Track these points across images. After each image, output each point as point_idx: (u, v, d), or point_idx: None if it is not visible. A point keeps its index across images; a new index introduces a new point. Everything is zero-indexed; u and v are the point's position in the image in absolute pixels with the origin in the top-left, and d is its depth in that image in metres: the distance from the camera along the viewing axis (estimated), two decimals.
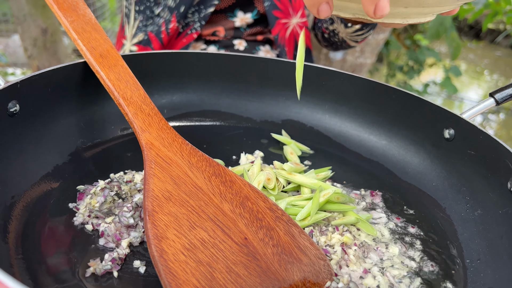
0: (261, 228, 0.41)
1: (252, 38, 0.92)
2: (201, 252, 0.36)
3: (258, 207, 0.43)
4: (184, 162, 0.45)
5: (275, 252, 0.39)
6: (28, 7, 1.69)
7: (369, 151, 0.62)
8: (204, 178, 0.44)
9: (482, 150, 0.50)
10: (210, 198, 0.42)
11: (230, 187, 0.44)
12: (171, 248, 0.36)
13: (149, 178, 0.41)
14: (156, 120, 0.49)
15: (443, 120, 0.55)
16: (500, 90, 0.53)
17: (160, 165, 0.43)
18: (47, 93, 0.51)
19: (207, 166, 0.45)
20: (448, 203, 0.52)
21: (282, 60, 0.66)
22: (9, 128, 0.46)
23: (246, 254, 0.38)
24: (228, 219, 0.40)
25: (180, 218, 0.39)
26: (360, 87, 0.63)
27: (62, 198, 0.46)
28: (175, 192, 0.41)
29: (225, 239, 0.38)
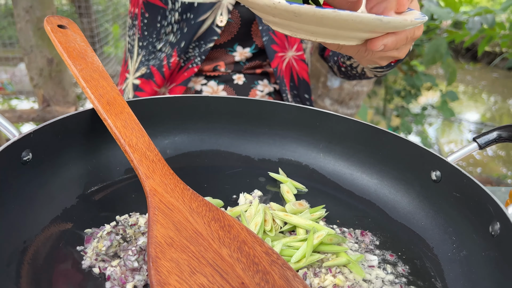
0: (258, 272, 0.43)
1: (251, 71, 0.96)
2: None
3: (254, 252, 0.45)
4: (185, 207, 0.48)
5: None
6: (35, 38, 1.75)
7: (362, 189, 0.65)
8: (204, 223, 0.47)
9: (466, 193, 0.53)
10: (210, 243, 0.45)
11: (228, 232, 0.47)
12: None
13: (152, 224, 0.44)
14: (160, 166, 0.52)
15: (430, 162, 0.58)
16: (482, 135, 0.56)
17: (163, 211, 0.46)
18: (57, 140, 0.54)
19: (207, 211, 0.48)
20: (435, 243, 0.55)
21: (278, 102, 0.69)
22: (21, 176, 0.49)
23: None
24: (226, 264, 0.43)
25: (181, 264, 0.41)
26: (352, 129, 0.66)
27: (71, 241, 0.49)
28: (177, 238, 0.44)
29: (224, 284, 0.41)
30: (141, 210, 0.55)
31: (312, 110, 0.68)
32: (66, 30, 0.64)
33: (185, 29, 0.89)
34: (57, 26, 0.63)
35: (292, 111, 0.69)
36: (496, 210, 0.47)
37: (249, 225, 0.53)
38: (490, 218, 0.48)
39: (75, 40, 0.64)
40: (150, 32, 0.92)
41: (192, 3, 0.87)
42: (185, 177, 0.65)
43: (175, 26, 0.90)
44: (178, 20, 0.89)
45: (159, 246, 0.42)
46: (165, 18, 0.89)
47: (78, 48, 0.62)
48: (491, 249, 0.47)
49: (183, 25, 0.89)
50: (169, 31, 0.91)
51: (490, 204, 0.48)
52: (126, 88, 0.97)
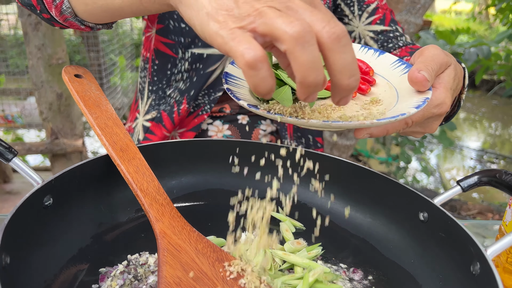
0: None
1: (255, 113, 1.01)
2: None
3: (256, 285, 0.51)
4: (192, 248, 0.52)
5: None
6: (45, 74, 1.82)
7: (356, 228, 0.69)
8: (208, 264, 0.51)
9: (450, 233, 0.57)
10: (214, 283, 0.49)
11: (233, 273, 0.51)
12: None
13: (162, 265, 0.49)
14: (168, 209, 0.57)
15: (418, 204, 0.62)
16: (465, 178, 0.61)
17: (172, 253, 0.51)
18: (75, 185, 0.59)
19: (211, 252, 0.53)
20: (424, 280, 0.59)
21: (275, 145, 0.75)
22: (43, 219, 0.54)
23: None
24: None
25: None
26: (346, 170, 0.71)
27: (87, 280, 0.54)
28: (184, 278, 0.48)
29: None
30: (150, 248, 0.60)
31: (308, 152, 0.73)
32: (82, 80, 0.70)
33: (194, 78, 0.93)
34: (74, 75, 0.69)
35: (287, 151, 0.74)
36: (476, 251, 0.51)
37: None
38: (471, 258, 0.52)
39: (91, 88, 0.69)
40: (160, 78, 0.98)
41: (202, 54, 0.92)
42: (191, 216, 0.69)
43: (185, 75, 0.95)
44: (187, 69, 0.94)
45: (168, 286, 0.47)
46: (175, 66, 0.95)
47: (93, 97, 0.68)
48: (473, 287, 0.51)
49: (193, 74, 0.94)
50: (179, 79, 0.96)
51: (470, 245, 0.52)
52: (136, 127, 1.02)
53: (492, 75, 5.51)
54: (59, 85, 1.86)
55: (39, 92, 1.86)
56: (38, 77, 1.82)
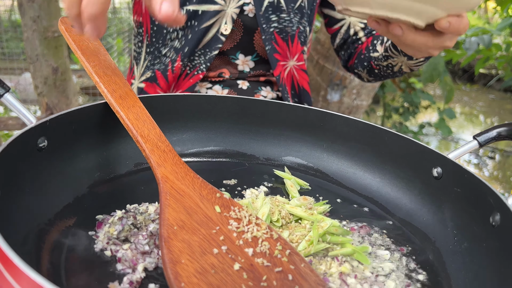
0: (265, 255, 0.45)
1: (254, 79, 0.98)
2: (212, 276, 0.40)
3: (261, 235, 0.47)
4: (196, 194, 0.49)
5: (278, 278, 0.43)
6: (41, 48, 1.78)
7: (365, 188, 0.66)
8: (213, 209, 0.48)
9: (467, 187, 0.54)
10: (220, 227, 0.46)
11: (237, 219, 0.48)
12: (184, 272, 0.40)
13: (164, 208, 0.46)
14: (171, 156, 0.53)
15: (431, 159, 0.60)
16: (482, 133, 0.58)
17: (174, 197, 0.48)
18: (71, 130, 0.56)
19: (217, 198, 0.50)
20: (437, 236, 0.56)
21: (282, 103, 0.71)
22: (37, 162, 0.51)
23: (252, 279, 0.42)
24: (235, 246, 0.45)
25: (193, 245, 0.43)
26: (355, 129, 0.68)
27: (83, 226, 0.50)
28: (188, 221, 0.45)
29: (233, 265, 0.42)
30: (151, 200, 0.57)
31: (317, 111, 0.70)
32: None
33: (189, 36, 0.91)
34: (71, 26, 0.66)
35: (296, 112, 0.71)
36: (496, 201, 0.49)
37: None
38: (490, 210, 0.49)
39: (88, 39, 0.66)
40: (157, 38, 0.95)
41: (197, 10, 0.89)
42: None
43: (180, 33, 0.93)
44: (183, 27, 0.92)
45: (171, 228, 0.44)
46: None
47: (91, 47, 0.64)
48: (491, 239, 0.49)
49: (188, 31, 0.91)
50: (174, 37, 0.94)
51: (490, 196, 0.50)
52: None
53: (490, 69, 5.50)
54: (55, 59, 1.81)
55: (34, 66, 1.81)
56: (33, 50, 1.78)
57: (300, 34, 0.97)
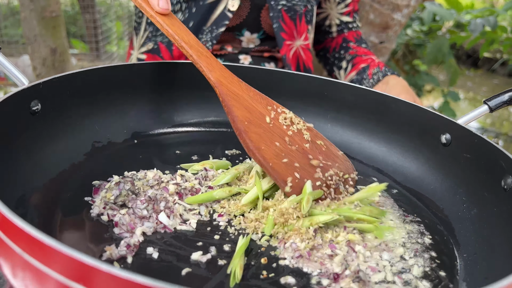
0: (307, 142, 0.55)
1: (258, 54, 0.96)
2: (283, 158, 0.51)
3: (299, 127, 0.56)
4: (246, 95, 0.55)
5: (322, 158, 0.54)
6: (39, 28, 1.75)
7: (370, 157, 0.64)
8: (262, 108, 0.55)
9: (477, 152, 0.52)
10: (272, 122, 0.54)
11: (280, 114, 0.56)
12: (267, 155, 0.50)
13: (231, 107, 0.53)
14: (214, 61, 0.57)
15: (440, 126, 0.57)
16: (493, 97, 0.56)
17: (233, 98, 0.54)
18: (66, 95, 0.54)
19: (262, 99, 0.56)
20: (445, 204, 0.54)
21: (285, 71, 0.69)
22: (31, 126, 0.49)
23: (308, 158, 0.53)
24: (288, 136, 0.54)
25: (262, 136, 0.52)
26: (361, 97, 0.66)
27: (79, 192, 0.49)
28: (251, 117, 0.53)
29: (292, 150, 0.52)
30: (149, 167, 0.55)
31: (321, 79, 0.68)
32: None
33: (193, 9, 0.89)
34: None
35: (299, 81, 0.69)
36: (509, 165, 0.47)
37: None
38: (502, 173, 0.47)
39: None
40: None
41: None
42: (192, 144, 0.64)
43: (183, 5, 0.90)
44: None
45: (243, 123, 0.51)
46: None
47: None
48: (503, 204, 0.47)
49: (191, 4, 0.89)
50: (178, 9, 0.91)
51: (502, 159, 0.48)
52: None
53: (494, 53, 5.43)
54: (53, 40, 1.78)
55: (32, 47, 1.79)
56: (31, 30, 1.75)
57: (307, 12, 0.95)
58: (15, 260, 0.30)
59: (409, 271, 0.43)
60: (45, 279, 0.28)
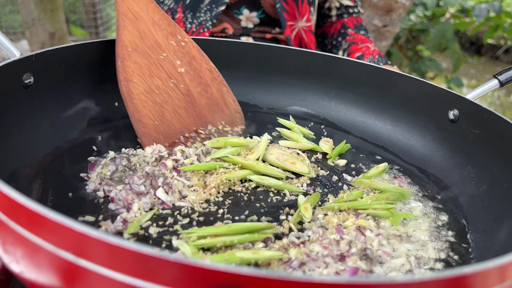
0: (200, 84, 0.54)
1: (260, 35, 0.94)
2: (157, 96, 0.50)
3: (201, 67, 0.55)
4: (149, 18, 0.52)
5: (207, 103, 0.54)
6: (37, 11, 1.72)
7: (374, 136, 0.63)
8: (163, 36, 0.53)
9: (487, 128, 0.50)
10: (166, 54, 0.52)
11: (182, 47, 0.54)
12: (136, 90, 0.49)
13: (121, 29, 0.50)
14: None
15: (447, 101, 0.56)
16: (504, 71, 0.54)
17: (130, 19, 0.51)
18: (60, 69, 0.52)
19: (167, 25, 0.53)
20: (453, 182, 0.52)
21: (287, 48, 0.67)
22: (24, 100, 0.47)
23: (187, 102, 0.52)
24: (177, 73, 0.52)
25: (143, 67, 0.50)
26: (365, 74, 0.64)
27: (74, 169, 0.47)
28: (141, 45, 0.50)
29: (174, 89, 0.51)
30: None
31: (324, 56, 0.66)
32: None
33: None
34: None
35: (302, 57, 0.67)
36: None
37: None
38: None
39: None
40: None
41: None
42: None
43: None
44: None
45: (125, 49, 0.49)
46: None
47: None
48: None
49: None
50: None
51: None
52: None
53: (498, 40, 5.37)
54: (51, 24, 1.76)
55: (31, 31, 1.76)
56: (29, 14, 1.72)
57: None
58: (6, 233, 0.28)
59: (424, 250, 0.41)
60: (37, 251, 0.26)
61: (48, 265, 0.24)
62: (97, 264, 0.22)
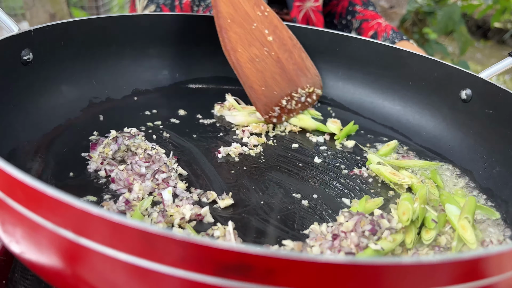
0: (286, 51, 0.57)
1: None
2: (257, 64, 0.54)
3: (283, 35, 0.58)
4: None
5: (294, 69, 0.58)
6: None
7: (383, 117, 0.61)
8: (250, 6, 0.55)
9: (501, 108, 0.49)
10: (256, 24, 0.55)
11: (266, 17, 0.57)
12: (242, 58, 0.52)
13: (218, 1, 0.53)
14: None
15: (460, 81, 0.54)
16: None
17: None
18: (59, 46, 0.50)
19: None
20: (465, 163, 0.51)
21: (293, 25, 0.65)
22: (23, 77, 0.46)
23: (280, 68, 0.56)
24: (267, 41, 0.56)
25: (242, 37, 0.53)
26: (374, 53, 0.62)
27: (75, 148, 0.46)
28: (236, 16, 0.53)
29: (268, 57, 0.55)
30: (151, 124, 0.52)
31: (331, 34, 0.64)
32: None
33: None
34: None
35: (309, 35, 0.65)
36: None
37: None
38: None
39: None
40: None
41: None
42: (195, 102, 0.61)
43: None
44: None
45: (225, 20, 0.52)
46: None
47: None
48: None
49: None
50: None
51: None
52: None
53: (505, 23, 5.29)
54: (52, 5, 1.73)
55: (31, 12, 1.74)
56: None
57: None
58: (5, 211, 0.27)
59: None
60: (37, 230, 0.25)
61: (48, 244, 0.23)
62: (99, 243, 0.20)
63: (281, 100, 0.55)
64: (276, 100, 0.55)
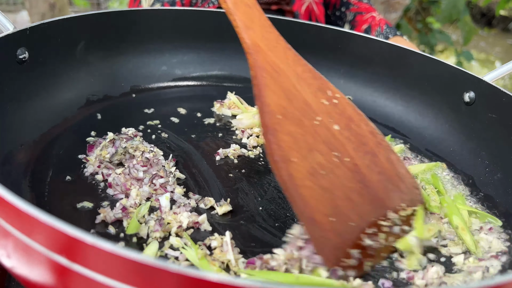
0: (367, 154, 0.38)
1: (265, 7, 0.90)
2: (322, 178, 0.34)
3: (361, 130, 0.40)
4: (291, 72, 0.39)
5: (380, 180, 0.37)
6: None
7: (385, 116, 0.60)
8: (311, 93, 0.39)
9: (505, 112, 0.48)
10: (320, 117, 0.38)
11: (335, 106, 0.40)
12: (298, 173, 0.34)
13: (263, 89, 0.37)
14: (257, 14, 0.41)
15: (463, 83, 0.53)
16: None
17: (271, 74, 0.38)
18: (56, 43, 0.49)
19: (312, 78, 0.40)
20: (466, 167, 0.50)
21: (294, 21, 0.64)
22: (19, 76, 0.45)
23: (358, 181, 0.36)
24: (338, 142, 0.37)
25: (299, 140, 0.35)
26: (377, 51, 0.61)
27: (72, 149, 0.45)
28: (289, 108, 0.37)
29: (339, 165, 0.36)
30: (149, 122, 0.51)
31: (333, 30, 0.63)
32: None
33: None
34: None
35: (310, 32, 0.64)
36: None
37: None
38: None
39: None
40: None
41: None
42: (194, 99, 0.60)
43: None
44: None
45: (274, 116, 0.35)
46: None
47: None
48: None
49: None
50: None
51: None
52: None
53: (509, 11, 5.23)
54: None
55: (31, 2, 1.72)
56: None
57: None
58: None
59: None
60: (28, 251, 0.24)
61: (41, 266, 0.22)
62: (92, 270, 0.20)
63: (360, 234, 0.35)
64: (353, 236, 0.34)
